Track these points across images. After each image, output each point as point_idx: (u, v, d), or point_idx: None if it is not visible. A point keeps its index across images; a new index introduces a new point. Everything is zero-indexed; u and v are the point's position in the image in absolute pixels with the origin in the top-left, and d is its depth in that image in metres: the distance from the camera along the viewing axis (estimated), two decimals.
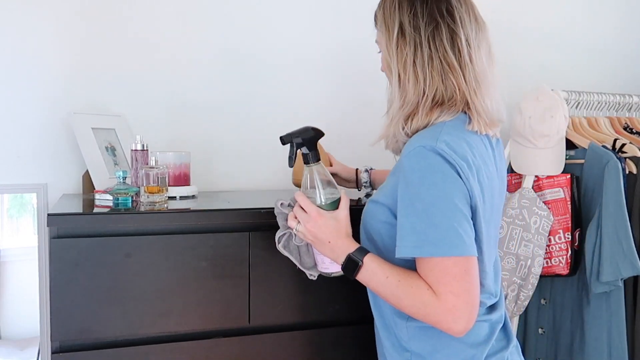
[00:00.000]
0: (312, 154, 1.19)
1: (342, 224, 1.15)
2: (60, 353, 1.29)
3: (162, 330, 1.35)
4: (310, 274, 1.29)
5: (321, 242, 1.15)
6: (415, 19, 1.12)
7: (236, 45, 1.96)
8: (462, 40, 1.12)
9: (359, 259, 1.10)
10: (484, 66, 1.15)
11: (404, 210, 1.06)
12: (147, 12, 1.86)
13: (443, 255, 1.02)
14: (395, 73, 1.15)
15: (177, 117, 1.91)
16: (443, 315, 1.02)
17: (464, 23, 1.13)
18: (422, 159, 1.04)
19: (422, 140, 1.06)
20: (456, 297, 1.01)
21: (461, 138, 1.09)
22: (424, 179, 1.04)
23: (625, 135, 2.01)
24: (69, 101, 1.78)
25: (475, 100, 1.12)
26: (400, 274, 1.07)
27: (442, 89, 1.11)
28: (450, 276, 1.02)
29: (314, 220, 1.14)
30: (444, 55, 1.11)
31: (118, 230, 1.32)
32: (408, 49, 1.12)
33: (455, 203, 1.03)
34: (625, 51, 2.50)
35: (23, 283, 1.76)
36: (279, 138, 1.20)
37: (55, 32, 1.77)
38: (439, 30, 1.12)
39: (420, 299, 1.04)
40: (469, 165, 1.06)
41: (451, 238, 1.01)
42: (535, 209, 1.80)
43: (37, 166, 1.76)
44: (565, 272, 1.83)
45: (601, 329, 1.79)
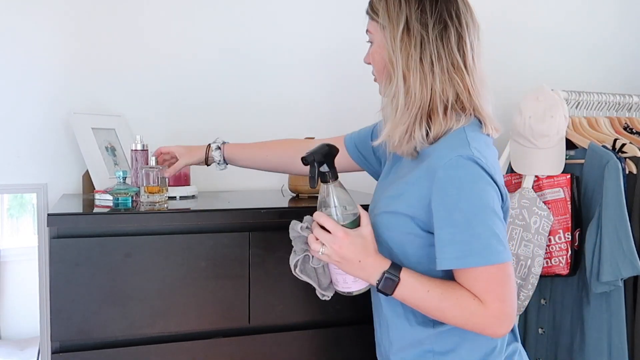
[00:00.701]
0: (332, 172, 1.14)
1: (369, 241, 1.10)
2: (60, 353, 1.29)
3: (162, 330, 1.35)
4: (325, 296, 1.23)
5: (350, 262, 1.09)
6: (423, 16, 1.10)
7: (236, 45, 1.96)
8: (468, 44, 1.11)
9: (395, 276, 1.07)
10: (482, 72, 1.15)
11: (442, 222, 1.04)
12: (147, 12, 1.86)
13: (489, 263, 1.02)
14: (399, 70, 1.11)
15: (177, 117, 1.91)
16: (490, 321, 1.04)
17: (469, 28, 1.13)
18: (461, 168, 1.04)
19: (457, 150, 1.05)
20: (502, 302, 1.03)
21: (483, 143, 1.10)
22: (464, 189, 1.03)
23: (625, 135, 2.01)
24: (69, 101, 1.78)
25: (481, 104, 1.13)
26: (441, 286, 1.06)
27: (450, 90, 1.10)
28: (496, 283, 1.03)
29: (341, 240, 1.08)
30: (451, 56, 1.10)
31: (118, 230, 1.32)
32: (413, 46, 1.10)
33: (494, 209, 1.04)
34: (625, 51, 2.50)
35: (23, 283, 1.76)
36: (300, 159, 1.13)
37: (55, 32, 1.77)
38: (447, 32, 1.10)
39: (468, 309, 1.04)
40: (495, 169, 1.08)
41: (495, 245, 1.02)
42: (535, 209, 1.80)
43: (37, 166, 1.76)
44: (565, 272, 1.83)
45: (601, 329, 1.79)
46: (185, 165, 1.53)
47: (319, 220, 1.11)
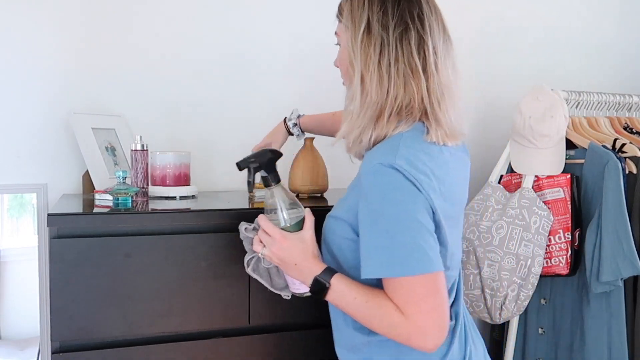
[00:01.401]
0: (272, 176, 1.18)
1: (308, 245, 1.13)
2: (60, 353, 1.29)
3: (162, 330, 1.35)
4: (285, 295, 1.27)
5: (288, 264, 1.13)
6: (384, 18, 1.08)
7: (235, 45, 1.96)
8: (430, 47, 1.08)
9: (326, 281, 1.08)
10: (449, 77, 1.11)
11: (366, 230, 1.03)
12: (147, 13, 1.86)
13: (409, 274, 0.99)
14: (358, 71, 1.09)
15: (177, 117, 1.91)
16: (413, 335, 1.01)
17: (432, 31, 1.09)
18: (380, 176, 1.01)
19: (380, 157, 1.03)
20: (425, 315, 1.00)
21: (420, 150, 1.06)
22: (385, 197, 1.01)
23: (625, 135, 2.01)
24: (69, 101, 1.78)
25: (437, 110, 1.08)
26: (368, 294, 1.05)
27: (402, 95, 1.07)
28: (418, 295, 1.00)
29: (279, 243, 1.12)
30: (409, 59, 1.07)
31: (118, 230, 1.32)
32: (373, 47, 1.08)
33: (418, 219, 1.00)
34: (625, 51, 2.50)
35: (23, 283, 1.76)
36: (235, 164, 1.18)
37: (55, 32, 1.77)
38: (408, 34, 1.07)
39: (389, 320, 1.02)
40: (429, 178, 1.03)
41: (417, 256, 0.99)
42: (535, 209, 1.80)
43: (37, 166, 1.76)
44: (565, 272, 1.83)
45: (601, 329, 1.79)
46: (279, 147, 1.66)
47: (260, 223, 1.15)
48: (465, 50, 2.26)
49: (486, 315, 1.84)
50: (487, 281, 1.80)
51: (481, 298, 1.83)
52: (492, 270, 1.80)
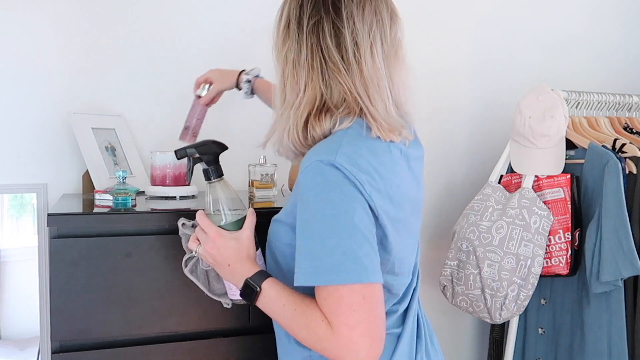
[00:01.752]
0: (212, 169, 1.10)
1: (244, 245, 1.05)
2: (60, 353, 1.29)
3: (162, 330, 1.35)
4: (225, 302, 1.20)
5: (220, 265, 1.06)
6: (300, 11, 1.01)
7: (236, 45, 1.96)
8: (347, 38, 0.99)
9: (257, 285, 1.00)
10: (377, 66, 1.01)
11: (301, 233, 0.95)
12: (147, 13, 1.86)
13: (338, 283, 0.90)
14: (279, 70, 1.04)
15: (177, 117, 1.90)
16: (339, 350, 0.91)
17: (352, 19, 0.99)
18: (317, 174, 0.93)
19: (320, 154, 0.95)
20: (351, 329, 0.90)
21: (364, 147, 0.97)
22: (320, 197, 0.93)
23: (625, 135, 2.01)
24: (69, 101, 1.78)
25: (368, 106, 1.00)
26: (298, 302, 0.96)
27: (325, 91, 1.00)
28: (345, 306, 0.90)
29: (213, 240, 1.05)
30: (327, 53, 0.99)
31: (118, 230, 1.32)
32: (290, 43, 1.02)
33: (355, 223, 0.91)
34: (626, 51, 2.50)
35: (23, 283, 1.76)
36: (173, 152, 1.11)
37: (55, 32, 1.77)
38: (322, 26, 0.99)
39: (315, 332, 0.93)
40: (373, 178, 0.95)
41: (348, 263, 0.90)
42: (535, 209, 1.80)
43: (37, 166, 1.76)
44: (565, 272, 1.83)
45: (601, 329, 1.79)
46: (219, 91, 1.60)
47: (197, 218, 1.09)
48: (465, 50, 2.27)
49: (486, 315, 1.84)
50: (487, 281, 1.80)
51: (481, 298, 1.83)
52: (492, 270, 1.80)
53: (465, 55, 2.27)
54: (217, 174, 1.11)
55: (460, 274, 1.88)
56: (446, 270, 1.92)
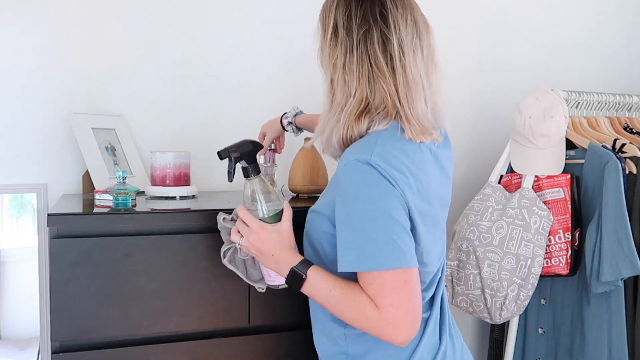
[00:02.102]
0: (252, 167, 1.20)
1: (285, 236, 1.15)
2: (60, 353, 1.29)
3: (162, 330, 1.35)
4: (259, 287, 1.29)
5: (265, 255, 1.15)
6: (349, 21, 1.10)
7: (236, 45, 1.96)
8: (395, 45, 1.08)
9: (302, 272, 1.10)
10: (419, 72, 1.11)
11: (342, 225, 1.06)
12: (147, 13, 1.86)
13: (382, 269, 1.02)
14: (327, 74, 1.14)
15: (177, 117, 1.91)
16: (384, 328, 1.03)
17: (397, 27, 1.09)
18: (356, 172, 1.03)
19: (356, 154, 1.05)
20: (396, 309, 1.02)
21: (397, 148, 1.07)
22: (359, 193, 1.03)
23: (625, 135, 2.01)
24: (69, 101, 1.78)
25: (405, 108, 1.09)
26: (343, 286, 1.07)
27: (369, 95, 1.09)
28: (390, 288, 1.02)
29: (257, 233, 1.14)
30: (375, 60, 1.08)
31: (118, 230, 1.32)
32: (339, 50, 1.11)
33: (392, 215, 1.02)
34: (626, 51, 2.50)
35: (23, 283, 1.76)
36: (216, 153, 1.21)
37: (55, 32, 1.77)
38: (370, 34, 1.09)
39: (363, 312, 1.04)
40: (405, 176, 1.05)
41: (389, 251, 1.01)
42: (535, 209, 1.80)
43: (37, 166, 1.76)
44: (565, 272, 1.83)
45: (601, 329, 1.79)
46: (271, 140, 1.74)
47: (238, 213, 1.17)
48: (465, 50, 2.27)
49: (486, 315, 1.84)
50: (487, 281, 1.80)
51: (481, 298, 1.83)
52: (492, 270, 1.80)
53: (466, 55, 2.27)
54: (256, 171, 1.21)
55: (460, 274, 1.88)
56: (446, 270, 1.92)
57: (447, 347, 1.19)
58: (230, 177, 1.21)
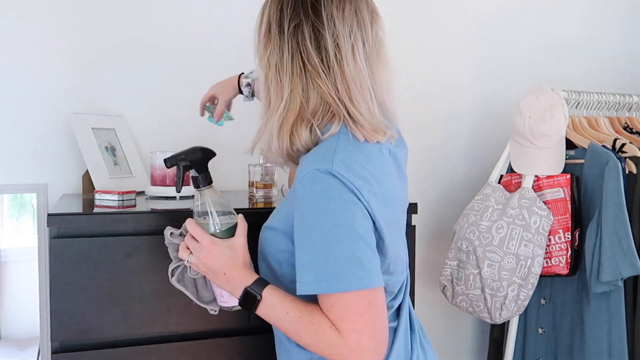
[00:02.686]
0: (202, 176, 1.08)
1: (239, 253, 1.05)
2: (60, 353, 1.29)
3: (162, 330, 1.35)
4: (212, 309, 1.19)
5: (216, 274, 1.04)
6: (280, 15, 1.01)
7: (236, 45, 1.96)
8: (328, 40, 0.98)
9: (257, 293, 1.00)
10: (359, 67, 1.00)
11: (301, 242, 0.96)
12: (147, 12, 1.86)
13: (345, 290, 0.92)
14: (262, 75, 1.04)
15: (177, 117, 1.91)
16: (348, 355, 0.94)
17: (332, 20, 0.98)
18: (316, 183, 0.94)
19: (316, 163, 0.95)
20: (360, 334, 0.93)
21: (358, 152, 0.98)
22: (320, 206, 0.93)
23: (625, 135, 2.01)
24: (69, 101, 1.78)
25: (350, 108, 0.99)
26: (302, 309, 0.97)
27: (303, 96, 1.00)
28: (353, 312, 0.93)
29: (207, 249, 1.03)
30: (307, 57, 0.99)
31: (118, 230, 1.32)
32: (271, 47, 1.01)
33: (356, 230, 0.93)
34: (626, 51, 2.50)
35: (23, 283, 1.76)
36: (163, 161, 1.09)
37: (55, 33, 1.77)
38: (301, 29, 0.99)
39: (323, 338, 0.95)
40: (369, 183, 0.96)
41: (352, 270, 0.92)
42: (535, 209, 1.80)
43: (37, 166, 1.76)
44: (565, 272, 1.83)
45: (601, 329, 1.79)
46: (226, 103, 1.58)
47: (188, 227, 1.06)
48: (465, 49, 2.26)
49: (486, 315, 1.84)
50: (487, 281, 1.80)
51: (481, 298, 1.83)
52: (492, 270, 1.80)
53: (466, 56, 2.27)
54: (207, 182, 1.09)
55: (460, 274, 1.88)
56: (446, 270, 1.92)
57: (418, 357, 1.11)
58: (178, 187, 1.10)
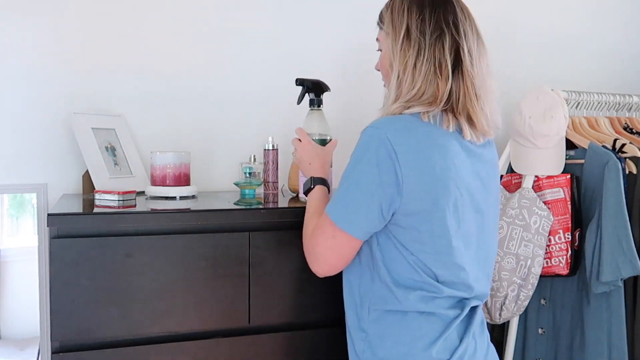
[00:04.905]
0: (317, 100, 1.60)
1: (323, 154, 1.41)
2: (60, 353, 1.29)
3: (162, 330, 1.35)
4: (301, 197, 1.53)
5: (304, 162, 1.40)
6: (422, 24, 1.19)
7: (236, 45, 1.96)
8: (465, 50, 1.18)
9: (314, 184, 1.34)
10: (484, 76, 1.21)
11: (342, 179, 1.18)
12: (147, 13, 1.86)
13: (330, 217, 1.17)
14: (396, 72, 1.21)
15: (177, 117, 1.91)
16: (307, 252, 1.24)
17: (467, 36, 1.20)
18: (366, 137, 1.15)
19: (376, 122, 1.16)
20: (315, 243, 1.21)
21: (417, 129, 1.15)
22: (361, 158, 1.14)
23: (625, 135, 2.01)
24: (69, 101, 1.78)
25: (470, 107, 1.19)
26: (319, 209, 1.26)
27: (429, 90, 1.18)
28: (322, 228, 1.19)
29: (304, 145, 1.41)
30: (445, 61, 1.17)
31: (118, 230, 1.32)
32: (412, 51, 1.19)
33: (374, 190, 1.13)
34: (626, 51, 2.50)
35: (23, 283, 1.76)
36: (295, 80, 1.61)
37: (55, 32, 1.77)
38: (442, 39, 1.18)
39: (306, 231, 1.25)
40: (413, 154, 1.12)
41: (345, 211, 1.16)
42: (535, 209, 1.80)
43: (37, 166, 1.76)
44: (565, 272, 1.83)
45: (601, 329, 1.79)
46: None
47: (296, 130, 1.45)
48: None
49: (486, 315, 1.84)
50: None
51: None
52: None
53: None
54: (319, 104, 1.61)
55: None
56: None
57: (467, 347, 1.20)
58: (299, 101, 1.63)
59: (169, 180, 1.62)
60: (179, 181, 1.63)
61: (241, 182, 1.70)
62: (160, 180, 1.62)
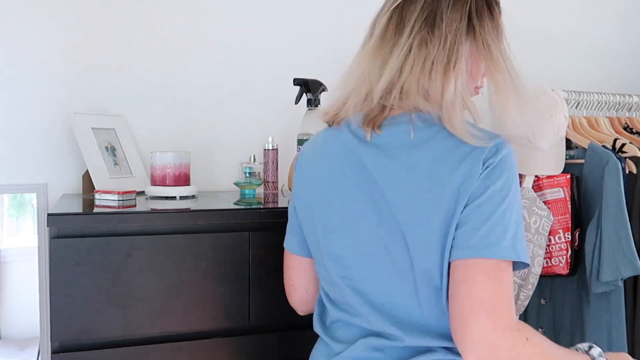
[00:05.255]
0: (315, 99, 1.66)
1: None
2: (60, 353, 1.29)
3: (162, 330, 1.35)
4: None
5: None
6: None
7: (236, 45, 1.96)
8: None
9: None
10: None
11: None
12: (147, 12, 1.86)
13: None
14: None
15: (177, 117, 1.91)
16: None
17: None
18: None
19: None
20: None
21: None
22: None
23: (625, 135, 2.01)
24: (69, 101, 1.78)
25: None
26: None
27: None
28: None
29: None
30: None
31: (118, 230, 1.32)
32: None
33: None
34: (626, 51, 2.50)
35: (23, 283, 1.76)
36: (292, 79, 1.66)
37: (55, 32, 1.77)
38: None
39: None
40: None
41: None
42: (535, 209, 1.80)
43: (37, 166, 1.76)
44: (565, 272, 1.83)
45: (601, 329, 1.79)
46: None
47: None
48: None
49: None
50: None
51: None
52: None
53: None
54: (316, 104, 1.66)
55: None
56: None
57: None
58: (296, 100, 1.69)
59: (169, 180, 1.62)
60: (179, 181, 1.63)
61: (241, 182, 1.69)
62: (160, 180, 1.62)
